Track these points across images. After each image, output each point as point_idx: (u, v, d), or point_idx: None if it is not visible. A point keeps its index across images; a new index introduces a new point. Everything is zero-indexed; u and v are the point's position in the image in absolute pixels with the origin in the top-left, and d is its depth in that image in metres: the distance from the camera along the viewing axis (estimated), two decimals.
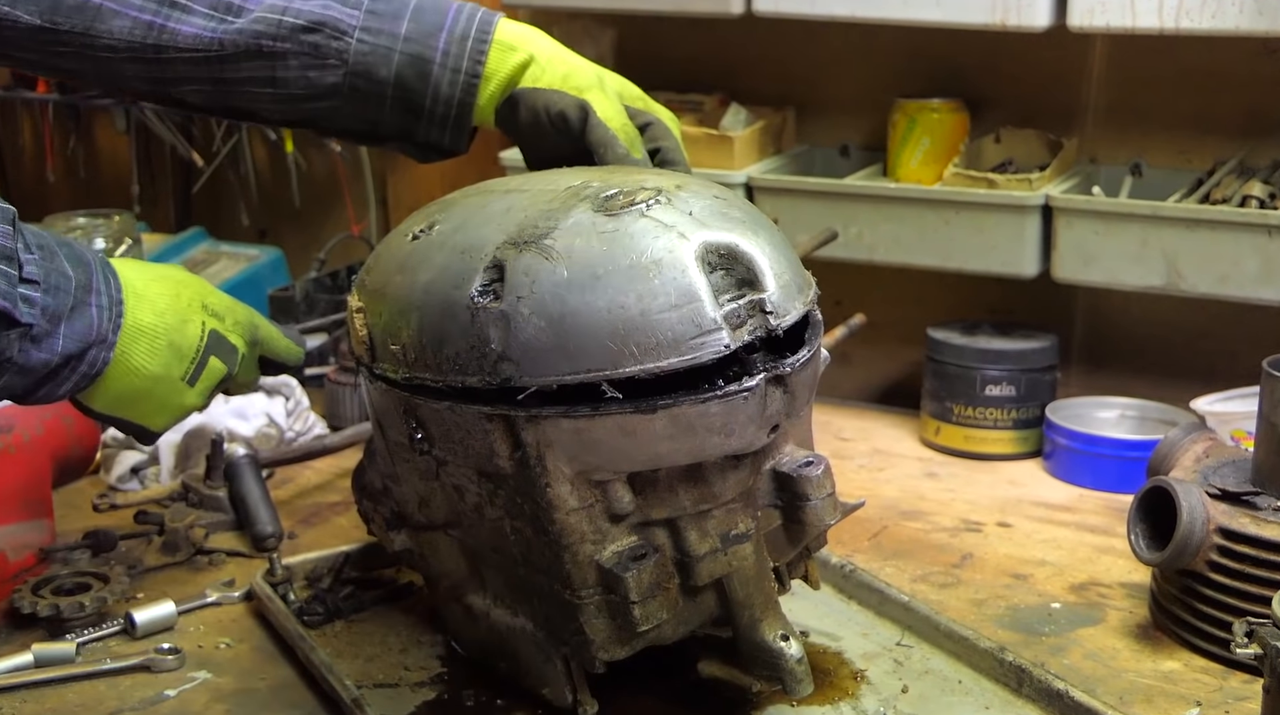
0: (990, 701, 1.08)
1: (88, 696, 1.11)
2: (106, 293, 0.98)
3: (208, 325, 1.05)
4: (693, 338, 0.88)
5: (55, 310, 0.92)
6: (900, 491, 1.50)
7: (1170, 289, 1.49)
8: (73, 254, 0.96)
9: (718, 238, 0.91)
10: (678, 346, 0.88)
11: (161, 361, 1.02)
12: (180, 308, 1.04)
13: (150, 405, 1.04)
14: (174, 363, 1.03)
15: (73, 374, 0.97)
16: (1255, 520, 1.13)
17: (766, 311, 0.91)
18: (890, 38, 1.61)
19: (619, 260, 0.88)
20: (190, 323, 1.04)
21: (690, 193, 0.94)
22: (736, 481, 0.96)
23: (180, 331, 1.03)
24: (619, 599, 0.93)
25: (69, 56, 1.10)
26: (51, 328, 0.92)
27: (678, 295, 0.88)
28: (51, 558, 1.31)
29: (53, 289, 0.92)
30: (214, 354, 1.06)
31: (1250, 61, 1.53)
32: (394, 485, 1.07)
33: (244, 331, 1.10)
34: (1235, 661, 1.10)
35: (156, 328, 1.01)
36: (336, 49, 1.09)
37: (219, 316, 1.07)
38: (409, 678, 1.12)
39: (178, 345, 1.03)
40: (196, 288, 1.06)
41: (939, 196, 1.58)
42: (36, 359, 0.92)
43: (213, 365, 1.06)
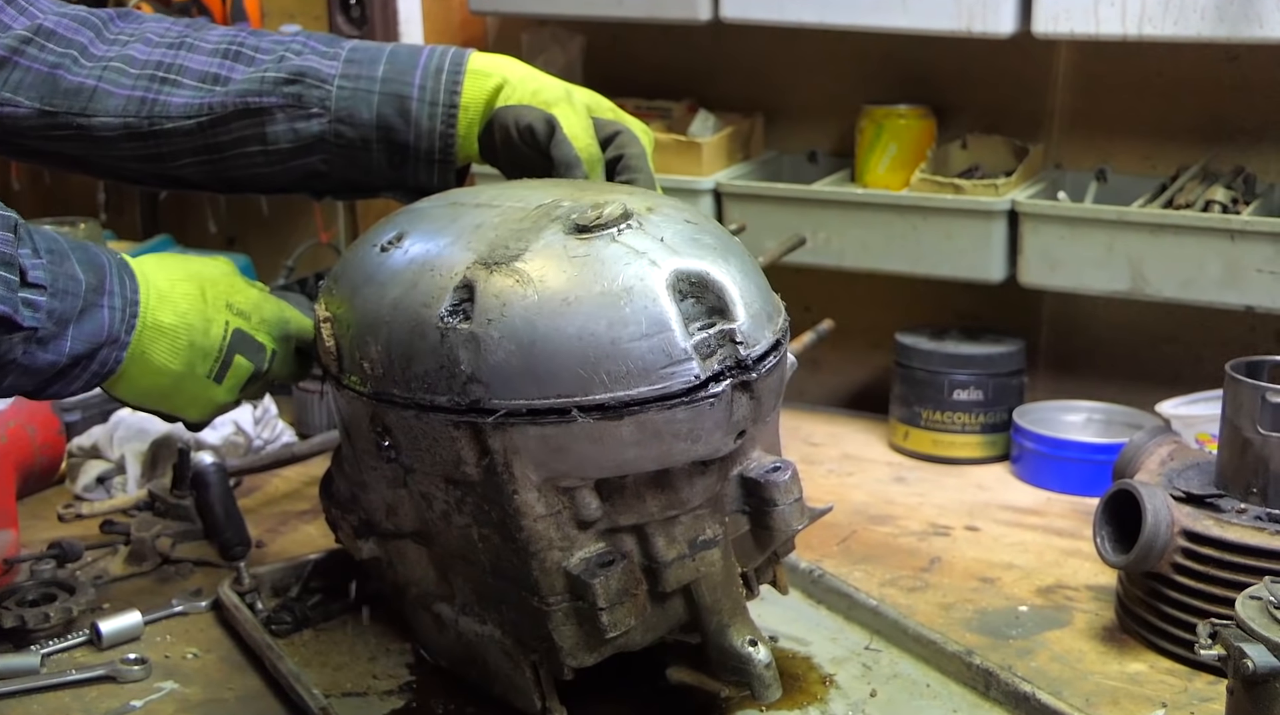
0: (958, 705, 1.08)
1: (52, 708, 1.11)
2: (120, 294, 0.99)
3: (231, 324, 1.05)
4: (663, 367, 0.89)
5: (62, 313, 0.94)
6: (869, 496, 1.51)
7: (1135, 293, 1.50)
8: (86, 257, 0.97)
9: (689, 266, 0.91)
10: (648, 375, 0.88)
11: (184, 360, 1.03)
12: (203, 307, 1.04)
13: (179, 400, 1.06)
14: (197, 361, 1.04)
15: (83, 373, 0.98)
16: (1219, 522, 1.14)
17: (736, 341, 0.91)
18: (857, 44, 1.62)
19: (590, 286, 0.88)
20: (214, 322, 1.04)
21: (661, 217, 0.94)
22: (704, 487, 0.96)
23: (203, 331, 1.04)
24: (587, 605, 0.93)
25: (68, 141, 1.14)
26: (59, 330, 0.94)
27: (649, 324, 0.88)
28: (16, 568, 1.30)
29: (60, 293, 0.93)
30: (239, 352, 1.06)
31: (1212, 68, 1.55)
32: (361, 493, 1.07)
33: (271, 328, 1.09)
34: (1200, 663, 1.11)
35: (178, 328, 1.02)
36: (318, 97, 1.12)
37: (244, 315, 1.07)
38: (377, 686, 1.12)
39: (200, 345, 1.03)
40: (224, 286, 1.07)
41: (906, 202, 1.59)
42: (43, 361, 0.94)
43: (238, 363, 1.06)
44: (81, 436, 1.53)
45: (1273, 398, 1.15)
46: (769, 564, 1.07)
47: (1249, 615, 0.99)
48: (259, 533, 1.40)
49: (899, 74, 1.69)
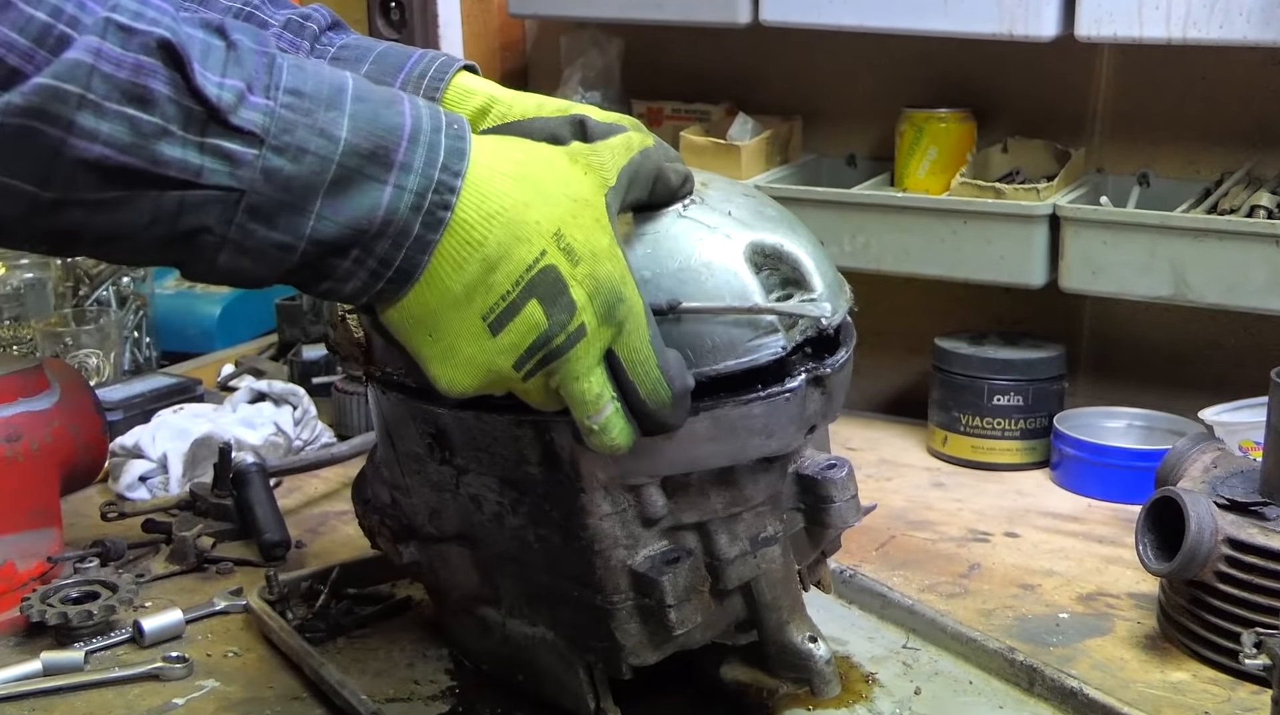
0: (1003, 701, 1.08)
1: (96, 705, 1.12)
2: (423, 172, 0.72)
3: (548, 257, 0.75)
4: (749, 340, 0.89)
5: (298, 179, 0.69)
6: (907, 501, 1.51)
7: (1178, 299, 1.49)
8: (367, 109, 0.71)
9: (763, 238, 0.91)
10: (734, 349, 0.88)
11: (464, 280, 0.74)
12: (520, 219, 0.75)
13: (439, 343, 0.76)
14: (478, 288, 0.74)
15: (358, 269, 0.72)
16: (1264, 531, 1.13)
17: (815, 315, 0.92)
18: (897, 47, 1.62)
19: (666, 262, 0.88)
20: (524, 243, 0.75)
21: (719, 191, 0.94)
22: (766, 484, 0.96)
23: (505, 246, 0.74)
24: (654, 603, 0.93)
25: None
26: (294, 200, 0.69)
27: (732, 297, 0.88)
28: (60, 566, 1.31)
29: (293, 150, 0.68)
30: (536, 297, 0.75)
31: (1258, 71, 1.54)
32: (403, 497, 1.07)
33: (598, 291, 0.77)
34: (1244, 672, 1.10)
35: (474, 228, 0.74)
36: None
37: (571, 255, 0.76)
38: (420, 691, 1.12)
39: (494, 263, 0.74)
40: (561, 211, 0.76)
41: (946, 206, 1.58)
42: (268, 240, 0.69)
43: (528, 314, 0.75)
44: (124, 436, 1.54)
45: None
46: (816, 564, 1.07)
47: None
48: (299, 533, 1.41)
49: (939, 77, 1.69)
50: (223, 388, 1.79)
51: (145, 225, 0.66)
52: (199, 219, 0.67)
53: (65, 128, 0.62)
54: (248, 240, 0.69)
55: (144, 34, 0.64)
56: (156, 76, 0.64)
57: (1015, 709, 1.08)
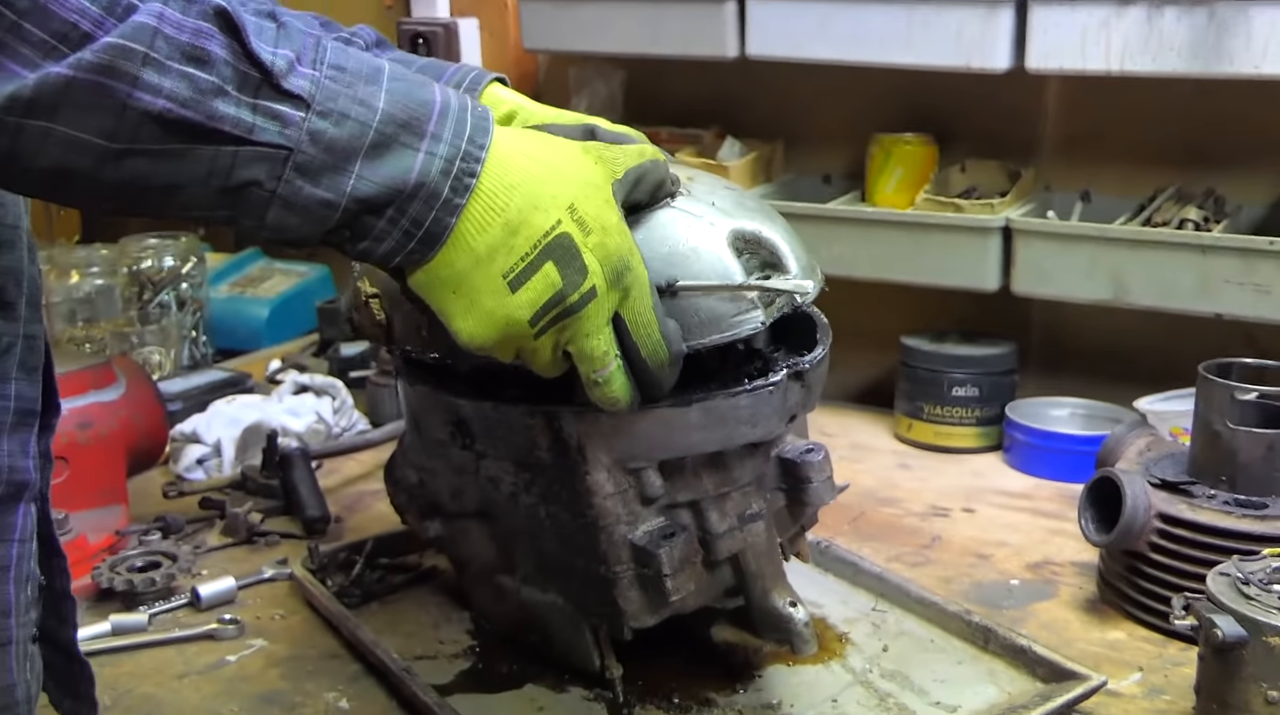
0: (962, 657, 1.09)
1: (159, 661, 1.12)
2: (451, 142, 0.71)
3: (563, 225, 0.75)
4: (733, 316, 0.88)
5: (340, 141, 0.67)
6: (876, 481, 1.51)
7: (1116, 302, 1.49)
8: (401, 88, 0.70)
9: (743, 226, 0.91)
10: (718, 324, 0.88)
11: (487, 242, 0.73)
12: (538, 191, 0.74)
13: (462, 299, 0.75)
14: (500, 249, 0.73)
15: (393, 229, 0.71)
16: (1191, 507, 1.14)
17: (792, 291, 0.91)
18: (868, 78, 1.62)
19: (657, 247, 0.87)
20: (541, 212, 0.74)
21: (703, 186, 0.94)
22: (752, 467, 0.97)
23: (524, 212, 0.73)
24: (652, 573, 0.93)
25: None
26: (335, 161, 0.68)
27: (717, 277, 0.88)
28: (126, 538, 1.31)
29: (335, 115, 0.67)
30: (553, 259, 0.74)
31: (1187, 99, 1.54)
32: (429, 478, 1.07)
33: (609, 261, 0.76)
34: (1173, 632, 1.10)
35: (496, 196, 0.73)
36: None
37: (585, 227, 0.75)
38: (445, 650, 1.13)
39: (514, 227, 0.73)
40: (574, 189, 0.76)
41: (911, 220, 1.58)
42: (313, 197, 0.68)
43: (545, 273, 0.74)
44: (183, 424, 1.54)
45: (1240, 396, 1.14)
46: (795, 538, 1.07)
47: (1218, 590, 0.99)
48: (337, 509, 1.41)
49: (905, 105, 1.68)
50: (270, 381, 1.79)
51: (202, 178, 0.65)
52: (251, 173, 0.66)
53: (131, 82, 0.61)
54: (295, 196, 0.67)
55: (203, 3, 0.64)
56: (214, 40, 0.63)
57: (972, 665, 1.08)
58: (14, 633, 0.77)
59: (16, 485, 0.76)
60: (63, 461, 1.27)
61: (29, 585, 0.79)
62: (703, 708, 1.02)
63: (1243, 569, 1.00)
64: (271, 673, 1.10)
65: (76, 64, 0.60)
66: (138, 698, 1.07)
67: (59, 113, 0.60)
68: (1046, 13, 1.43)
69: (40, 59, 0.59)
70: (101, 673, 1.09)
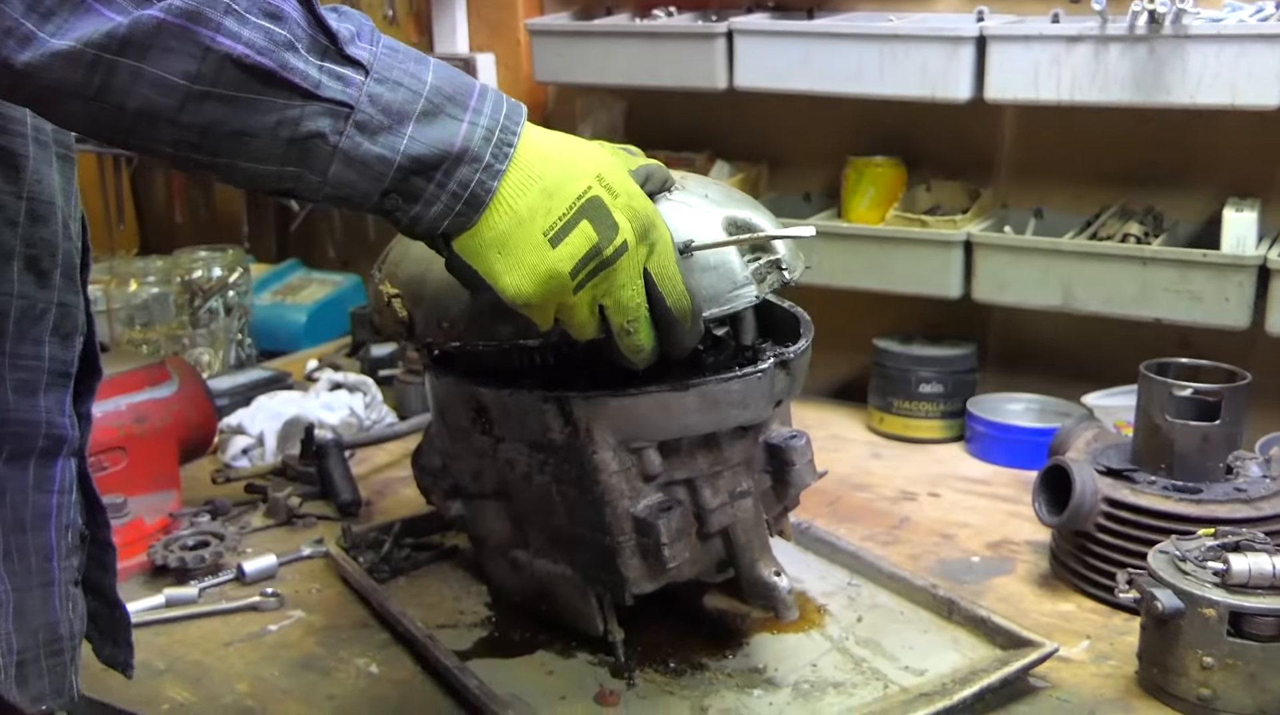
0: (928, 626, 1.09)
1: (207, 630, 1.12)
2: (490, 116, 0.71)
3: (593, 190, 0.75)
4: (729, 292, 0.89)
5: (393, 104, 0.67)
6: (851, 468, 1.51)
7: (1066, 308, 1.50)
8: (448, 73, 0.71)
9: (735, 213, 0.92)
10: (718, 299, 0.88)
11: (528, 204, 0.72)
12: (570, 161, 0.75)
13: (510, 256, 0.73)
14: (539, 210, 0.73)
15: (441, 193, 0.70)
16: (1134, 491, 1.14)
17: (782, 268, 0.93)
18: (843, 108, 1.62)
19: None
20: (574, 178, 0.75)
21: (695, 182, 0.95)
22: (742, 448, 0.97)
23: (559, 180, 0.74)
24: (651, 542, 0.93)
25: None
26: (390, 122, 0.67)
27: (714, 259, 0.88)
28: (178, 520, 1.32)
29: (389, 81, 0.67)
30: (587, 218, 0.74)
31: (1129, 126, 1.54)
32: (451, 463, 1.07)
33: (634, 218, 0.77)
34: (1118, 604, 1.11)
35: (533, 167, 0.73)
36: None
37: (612, 192, 0.76)
38: (464, 620, 1.13)
39: (551, 191, 0.73)
40: (601, 162, 0.77)
41: (882, 234, 1.58)
42: (370, 152, 0.67)
43: (582, 229, 0.74)
44: (230, 417, 1.54)
45: (1177, 392, 1.14)
46: (780, 516, 1.07)
47: (1158, 566, 0.99)
48: (368, 494, 1.41)
49: (876, 131, 1.68)
50: (307, 379, 1.79)
51: (272, 127, 0.64)
52: (316, 125, 0.65)
53: (214, 28, 0.61)
54: (354, 150, 0.66)
55: None
56: (288, 2, 0.64)
57: (938, 633, 1.08)
58: (56, 575, 0.77)
59: (54, 439, 0.77)
60: (121, 451, 1.27)
61: (69, 533, 0.79)
62: (696, 671, 1.02)
63: (1180, 547, 1.01)
64: (308, 640, 1.10)
65: (167, 8, 0.60)
66: (188, 663, 1.07)
67: (149, 53, 0.60)
68: (1003, 49, 1.43)
69: (132, 7, 0.60)
70: (155, 641, 1.10)
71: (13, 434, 0.75)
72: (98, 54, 0.60)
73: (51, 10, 0.59)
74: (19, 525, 0.75)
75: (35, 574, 0.76)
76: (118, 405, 1.27)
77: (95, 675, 1.04)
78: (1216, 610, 0.94)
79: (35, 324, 0.75)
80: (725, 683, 1.01)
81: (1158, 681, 0.99)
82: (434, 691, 1.01)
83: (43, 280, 0.75)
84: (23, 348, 0.75)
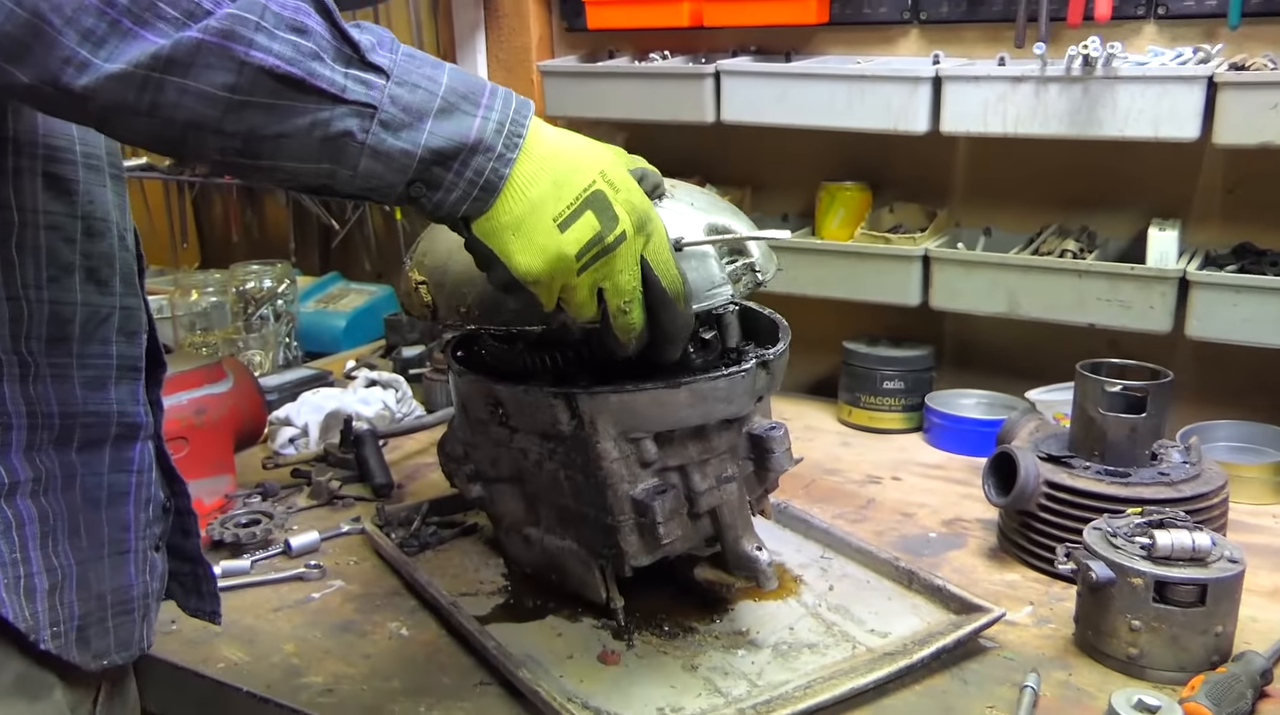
0: (891, 594, 1.08)
1: (258, 598, 1.12)
2: (501, 111, 0.70)
3: (597, 184, 0.73)
4: (707, 290, 0.88)
5: (412, 103, 0.67)
6: (823, 455, 1.50)
7: (1011, 314, 1.49)
8: (461, 75, 0.70)
9: (715, 220, 0.91)
10: (698, 296, 0.87)
11: (539, 191, 0.71)
12: (576, 156, 0.74)
13: (523, 237, 0.72)
14: (549, 198, 0.71)
15: (459, 180, 0.69)
16: (1071, 475, 1.13)
17: (755, 271, 0.92)
18: (817, 139, 1.61)
19: None
20: (580, 171, 0.73)
21: (683, 190, 0.94)
22: (727, 439, 0.97)
23: (567, 173, 0.72)
24: (648, 521, 0.93)
25: None
26: (410, 119, 0.67)
27: (695, 260, 0.88)
28: (232, 501, 1.31)
29: (408, 84, 0.67)
30: (592, 209, 0.73)
31: (1067, 156, 1.53)
32: (472, 451, 1.07)
33: (634, 211, 0.75)
34: (1057, 574, 1.10)
35: (545, 159, 0.71)
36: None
37: (614, 187, 0.74)
38: (484, 588, 1.12)
39: (560, 182, 0.72)
40: (603, 158, 0.75)
41: (851, 249, 1.58)
42: (395, 147, 0.66)
43: (587, 218, 0.73)
44: (278, 410, 1.54)
45: (1109, 388, 1.14)
46: (761, 498, 1.07)
47: (1092, 541, 0.99)
48: (399, 478, 1.41)
49: (846, 159, 1.68)
50: (346, 377, 1.78)
51: (306, 128, 0.64)
52: (345, 125, 0.64)
53: (248, 44, 0.61)
54: (380, 146, 0.66)
55: None
56: (311, 17, 0.63)
57: (899, 600, 1.07)
58: (133, 544, 0.77)
59: (128, 426, 0.77)
60: (183, 440, 1.27)
61: (150, 507, 0.79)
62: (687, 634, 1.02)
63: (1111, 525, 1.00)
64: (347, 607, 1.10)
65: (205, 29, 0.60)
66: (241, 627, 1.06)
67: (191, 70, 0.60)
68: (956, 88, 1.42)
69: (173, 31, 0.59)
70: None
71: (84, 425, 0.74)
72: (147, 74, 0.60)
73: (103, 38, 0.59)
74: (93, 504, 0.75)
75: (108, 544, 0.76)
76: (180, 400, 1.26)
77: (158, 636, 1.04)
78: (1143, 580, 0.94)
79: (100, 327, 0.76)
80: (713, 644, 1.00)
81: (1092, 642, 0.98)
82: (457, 651, 1.01)
83: (103, 288, 0.76)
84: (90, 348, 0.75)
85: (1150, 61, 1.36)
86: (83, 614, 0.74)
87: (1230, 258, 1.42)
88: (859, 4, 1.59)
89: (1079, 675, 0.96)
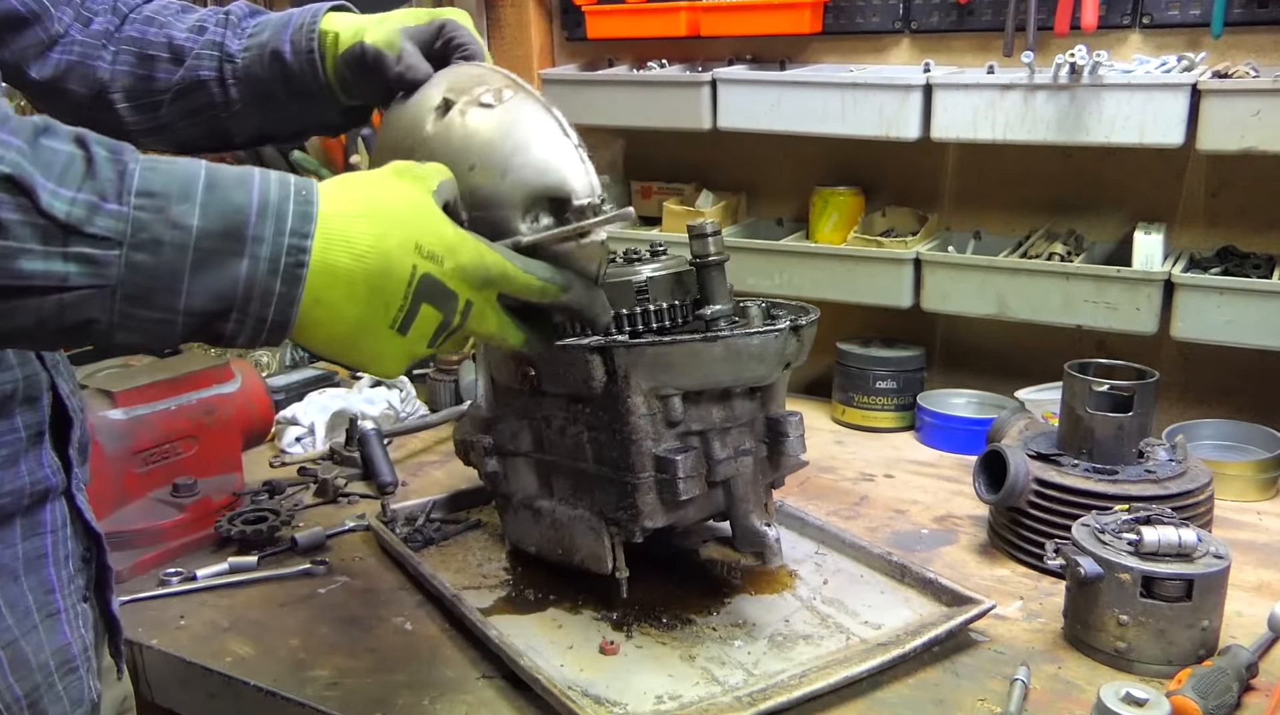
0: (884, 588, 1.08)
1: (265, 593, 1.12)
2: (273, 241, 0.59)
3: (419, 269, 0.64)
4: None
5: (162, 268, 0.57)
6: (818, 454, 1.50)
7: (1001, 316, 1.49)
8: (218, 195, 0.58)
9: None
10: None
11: (361, 308, 0.63)
12: (386, 249, 0.63)
13: (364, 352, 0.65)
14: (377, 310, 0.64)
15: (242, 328, 0.60)
16: (1060, 472, 1.13)
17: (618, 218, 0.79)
18: (811, 145, 1.61)
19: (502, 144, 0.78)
20: (397, 266, 0.64)
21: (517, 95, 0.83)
22: (749, 410, 0.98)
23: (383, 275, 0.63)
24: (669, 477, 0.94)
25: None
26: (162, 284, 0.57)
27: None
28: (241, 498, 1.31)
29: (151, 244, 0.56)
30: (426, 301, 0.65)
31: (1054, 162, 1.54)
32: (494, 424, 1.08)
33: (467, 276, 0.67)
34: (1046, 569, 1.10)
35: (354, 271, 0.62)
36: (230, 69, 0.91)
37: (435, 258, 0.65)
38: (486, 582, 1.12)
39: (380, 290, 0.63)
40: (411, 227, 0.65)
41: (844, 253, 1.58)
42: (148, 318, 0.57)
43: (425, 313, 0.65)
44: (285, 410, 1.54)
45: (1096, 388, 1.14)
46: (767, 493, 1.06)
47: (1081, 537, 0.99)
48: (403, 475, 1.41)
49: (839, 165, 1.68)
50: (351, 377, 1.78)
51: (35, 326, 0.55)
52: (83, 313, 0.56)
53: None
54: (131, 321, 0.57)
55: None
56: (4, 207, 0.53)
57: (892, 593, 1.07)
58: (61, 603, 0.73)
59: (39, 492, 0.71)
60: (193, 439, 1.26)
61: (69, 562, 0.74)
62: (685, 625, 1.02)
63: (1099, 521, 1.00)
64: (352, 602, 1.09)
65: None
66: (249, 622, 1.06)
67: None
68: (946, 96, 1.43)
69: None
70: (220, 602, 1.09)
71: None
72: None
73: None
74: (11, 577, 0.69)
75: (37, 611, 0.71)
76: (190, 400, 1.26)
77: (168, 632, 1.04)
78: (1131, 575, 0.94)
79: (5, 404, 0.68)
80: (710, 635, 1.00)
81: (1080, 636, 0.98)
82: (460, 645, 1.01)
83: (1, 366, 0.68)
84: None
85: (1135, 69, 1.37)
86: (29, 690, 0.70)
87: (1214, 260, 1.43)
88: (852, 14, 1.59)
89: (1068, 668, 0.96)
